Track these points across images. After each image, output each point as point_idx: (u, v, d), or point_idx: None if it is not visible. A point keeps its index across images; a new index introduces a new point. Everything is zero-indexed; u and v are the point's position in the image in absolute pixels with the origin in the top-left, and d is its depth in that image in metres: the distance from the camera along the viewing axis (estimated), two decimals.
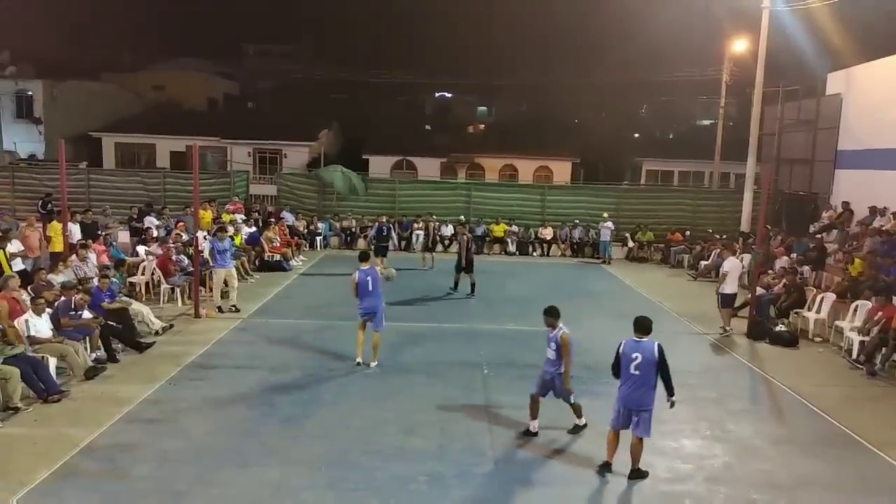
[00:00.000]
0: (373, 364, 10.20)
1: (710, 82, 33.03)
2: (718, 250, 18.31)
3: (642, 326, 6.90)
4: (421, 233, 23.23)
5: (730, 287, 12.93)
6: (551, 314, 7.71)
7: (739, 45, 27.47)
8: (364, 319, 10.19)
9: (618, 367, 6.95)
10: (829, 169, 20.60)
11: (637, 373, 6.75)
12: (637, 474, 6.97)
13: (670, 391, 6.87)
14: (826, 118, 20.92)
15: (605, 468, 7.06)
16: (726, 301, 13.06)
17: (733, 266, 13.07)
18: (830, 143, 20.54)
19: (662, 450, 7.77)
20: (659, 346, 6.79)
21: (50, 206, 18.83)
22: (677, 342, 12.69)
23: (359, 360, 10.23)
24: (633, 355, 6.77)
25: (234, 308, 13.44)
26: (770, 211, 19.57)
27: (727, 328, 13.05)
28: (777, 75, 23.38)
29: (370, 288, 10.04)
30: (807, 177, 21.82)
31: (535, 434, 7.86)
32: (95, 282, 11.61)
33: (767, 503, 6.67)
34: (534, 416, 7.88)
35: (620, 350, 6.92)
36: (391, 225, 20.34)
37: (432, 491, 6.58)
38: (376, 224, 18.84)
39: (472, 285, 15.86)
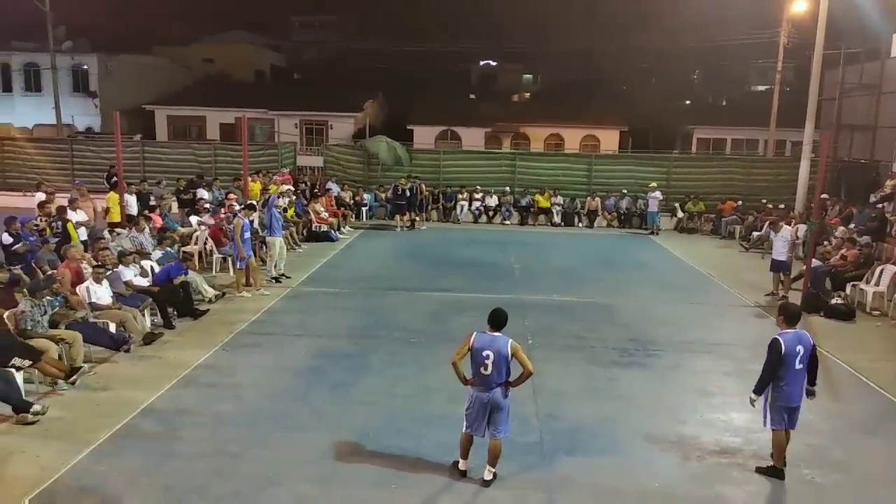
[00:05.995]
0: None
1: (766, 46, 31.64)
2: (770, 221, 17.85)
3: (795, 315, 6.47)
4: (465, 203, 23.26)
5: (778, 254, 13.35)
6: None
7: (799, 6, 26.21)
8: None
9: (778, 367, 6.27)
10: (893, 135, 19.69)
11: (800, 367, 6.30)
12: (779, 473, 6.55)
13: (813, 381, 6.55)
14: (890, 81, 19.94)
15: (781, 474, 6.52)
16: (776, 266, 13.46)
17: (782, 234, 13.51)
18: (895, 107, 19.61)
19: (711, 423, 7.69)
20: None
21: (114, 178, 19.33)
22: (728, 314, 12.48)
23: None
24: (797, 349, 6.26)
25: (284, 276, 13.75)
26: (828, 180, 18.86)
27: (775, 293, 13.38)
28: (838, 37, 22.30)
29: (246, 235, 12.58)
30: (868, 144, 20.90)
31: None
32: (152, 252, 12.09)
33: (819, 478, 6.56)
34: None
35: (784, 349, 6.23)
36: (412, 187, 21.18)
37: (479, 459, 6.66)
38: (393, 185, 21.41)
39: (413, 221, 20.63)
